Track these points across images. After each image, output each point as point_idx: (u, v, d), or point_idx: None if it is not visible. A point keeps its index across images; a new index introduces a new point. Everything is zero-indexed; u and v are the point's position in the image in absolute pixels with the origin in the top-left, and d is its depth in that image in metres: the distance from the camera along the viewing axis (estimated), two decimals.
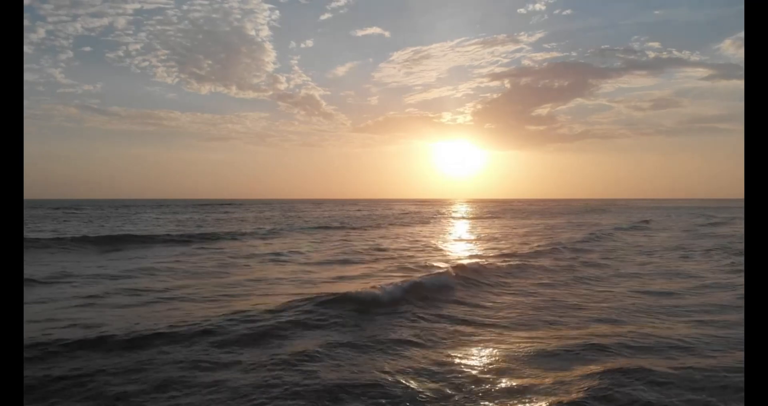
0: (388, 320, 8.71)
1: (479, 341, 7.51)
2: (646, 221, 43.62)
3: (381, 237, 29.60)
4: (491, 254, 19.05)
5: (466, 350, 7.03)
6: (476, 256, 18.76)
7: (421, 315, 9.17)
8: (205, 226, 38.65)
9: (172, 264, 16.37)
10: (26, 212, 55.55)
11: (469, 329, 8.23)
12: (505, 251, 19.96)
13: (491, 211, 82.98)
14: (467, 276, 12.91)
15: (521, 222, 48.26)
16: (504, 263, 15.69)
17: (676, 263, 16.99)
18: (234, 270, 15.07)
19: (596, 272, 14.78)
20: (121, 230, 31.46)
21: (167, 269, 15.12)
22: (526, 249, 20.49)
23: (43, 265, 15.50)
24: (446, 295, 10.95)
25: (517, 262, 16.11)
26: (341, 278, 13.59)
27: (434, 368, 6.24)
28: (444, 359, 6.60)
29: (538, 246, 21.65)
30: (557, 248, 20.85)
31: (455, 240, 27.77)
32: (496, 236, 30.44)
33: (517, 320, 8.95)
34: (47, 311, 9.05)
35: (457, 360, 6.56)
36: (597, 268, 15.76)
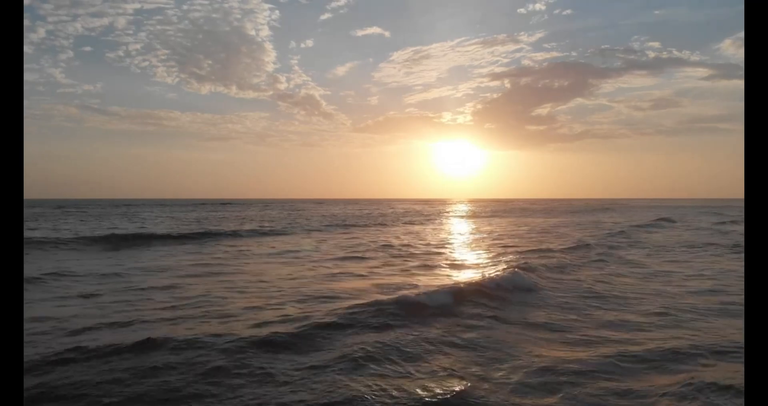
0: (460, 321, 8.35)
1: (558, 344, 7.16)
2: (664, 219, 43.37)
3: (398, 234, 29.75)
4: (521, 251, 18.88)
5: (547, 355, 6.61)
6: (511, 253, 18.57)
7: (489, 316, 8.80)
8: (220, 224, 38.69)
9: (187, 263, 16.37)
10: (26, 211, 55.55)
11: (543, 333, 7.86)
12: (532, 248, 19.85)
13: (495, 210, 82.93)
14: (527, 275, 12.46)
15: (530, 220, 48.04)
16: (548, 261, 15.43)
17: (714, 260, 16.92)
18: (273, 269, 14.92)
19: (640, 270, 14.69)
20: (134, 229, 31.45)
21: (184, 267, 15.18)
22: (554, 246, 20.40)
23: (42, 263, 15.52)
24: (514, 295, 10.51)
25: (555, 260, 15.80)
26: (384, 276, 13.52)
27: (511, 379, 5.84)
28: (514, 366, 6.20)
29: (569, 243, 21.61)
30: (588, 245, 20.80)
31: (475, 238, 27.61)
32: (514, 233, 30.27)
33: (582, 320, 8.62)
34: (52, 310, 9.06)
35: (535, 367, 6.15)
36: (638, 266, 15.64)
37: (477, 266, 15.49)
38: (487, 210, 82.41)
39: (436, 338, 7.27)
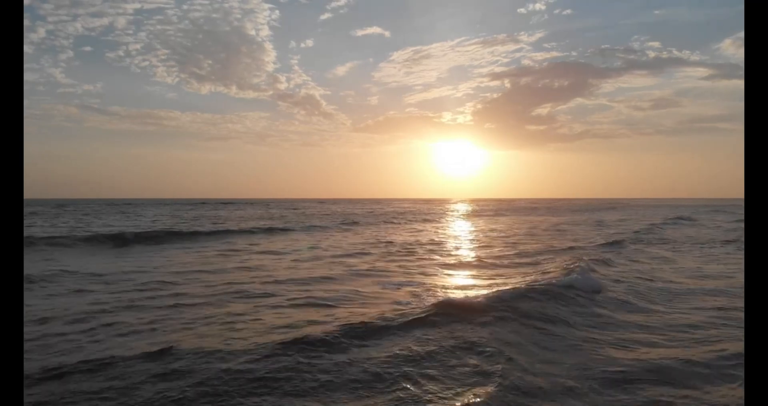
0: (515, 322, 7.99)
1: (623, 348, 6.90)
2: (681, 218, 43.48)
3: (414, 232, 29.91)
4: (555, 250, 18.84)
5: (616, 357, 6.40)
6: (546, 251, 18.52)
7: (541, 315, 8.42)
8: (235, 222, 38.71)
9: (224, 260, 16.31)
10: (25, 210, 55.45)
11: (610, 334, 7.56)
12: (565, 247, 19.85)
13: (500, 209, 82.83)
14: (589, 274, 11.93)
15: (540, 219, 47.70)
16: (587, 259, 14.96)
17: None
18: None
19: (678, 267, 14.61)
20: (147, 227, 31.48)
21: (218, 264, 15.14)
22: (583, 244, 20.41)
23: (45, 262, 15.51)
24: (575, 294, 9.96)
25: (593, 258, 15.28)
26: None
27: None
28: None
29: (598, 240, 21.64)
30: (617, 242, 20.76)
31: (494, 236, 27.46)
32: (531, 232, 30.18)
33: (646, 320, 8.34)
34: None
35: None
36: (675, 263, 15.55)
37: (519, 264, 15.28)
38: (492, 209, 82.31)
39: (486, 342, 6.85)
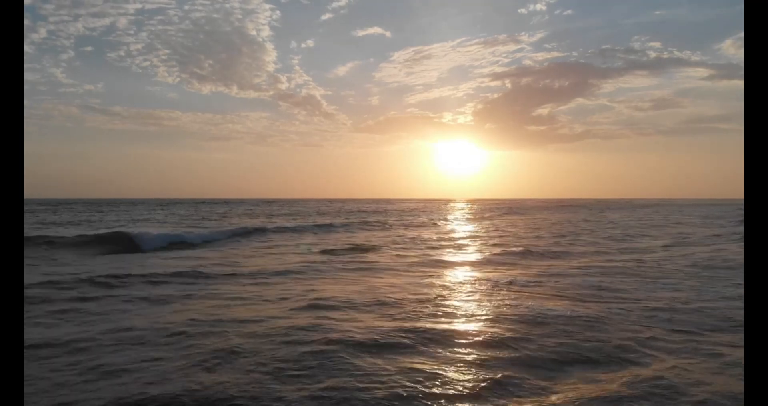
0: None
1: None
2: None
3: (485, 228, 30.46)
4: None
5: None
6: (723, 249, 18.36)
7: None
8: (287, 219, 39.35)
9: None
10: (26, 208, 55.58)
11: None
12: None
13: (519, 208, 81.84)
14: None
15: (591, 215, 46.86)
16: None
17: None
18: None
19: None
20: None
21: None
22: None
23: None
24: None
25: None
26: None
27: None
28: None
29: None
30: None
31: (591, 234, 27.14)
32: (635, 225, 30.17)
33: None
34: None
35: None
36: None
37: None
38: (517, 208, 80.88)
39: None
